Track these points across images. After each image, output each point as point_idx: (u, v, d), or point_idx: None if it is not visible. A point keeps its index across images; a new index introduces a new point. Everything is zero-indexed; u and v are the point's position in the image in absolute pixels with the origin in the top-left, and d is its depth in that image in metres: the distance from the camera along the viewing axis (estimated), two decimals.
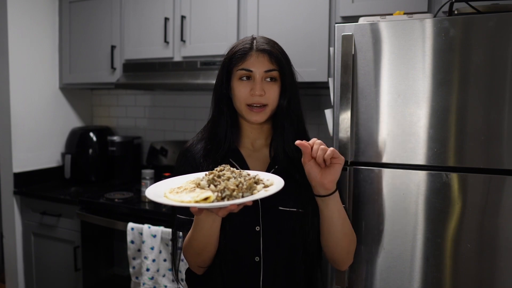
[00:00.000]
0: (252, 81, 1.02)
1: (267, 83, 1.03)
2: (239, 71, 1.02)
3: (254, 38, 1.06)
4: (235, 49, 1.05)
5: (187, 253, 1.05)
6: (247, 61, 1.01)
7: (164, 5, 2.34)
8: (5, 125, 2.52)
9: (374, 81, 1.42)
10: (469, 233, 1.34)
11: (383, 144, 1.43)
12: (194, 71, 2.24)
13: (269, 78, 1.03)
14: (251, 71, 1.01)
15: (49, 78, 2.73)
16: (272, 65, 1.02)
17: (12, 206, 2.55)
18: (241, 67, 1.02)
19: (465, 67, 1.32)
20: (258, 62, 1.01)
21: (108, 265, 2.32)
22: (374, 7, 1.82)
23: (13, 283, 2.59)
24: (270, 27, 2.06)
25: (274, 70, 1.02)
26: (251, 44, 1.03)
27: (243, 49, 1.02)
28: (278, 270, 1.05)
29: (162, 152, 2.65)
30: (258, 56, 1.01)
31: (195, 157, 1.10)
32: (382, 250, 1.45)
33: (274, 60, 1.02)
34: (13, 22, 2.46)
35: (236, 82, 1.04)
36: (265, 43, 1.03)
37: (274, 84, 1.03)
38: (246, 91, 1.02)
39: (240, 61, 1.02)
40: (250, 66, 1.01)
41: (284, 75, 1.04)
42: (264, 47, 1.02)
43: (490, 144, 1.31)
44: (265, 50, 1.01)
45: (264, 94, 1.01)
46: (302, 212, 1.04)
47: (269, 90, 1.02)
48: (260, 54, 1.01)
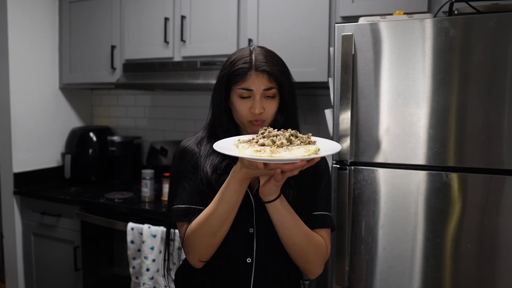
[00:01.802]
0: (252, 99, 1.05)
1: (266, 100, 1.05)
2: (239, 90, 1.05)
3: (252, 51, 1.07)
4: (234, 67, 1.06)
5: (197, 236, 1.02)
6: (247, 81, 1.04)
7: (164, 5, 2.34)
8: (5, 125, 2.52)
9: (374, 81, 1.42)
10: (469, 233, 1.34)
11: (383, 144, 1.43)
12: (194, 71, 2.24)
13: (267, 95, 1.05)
14: (251, 90, 1.04)
15: (49, 78, 2.73)
16: (270, 83, 1.04)
17: (12, 206, 2.55)
18: (241, 86, 1.04)
19: (465, 67, 1.32)
20: (258, 81, 1.03)
21: (108, 265, 2.32)
22: (374, 7, 1.82)
23: (13, 283, 2.59)
24: (270, 27, 2.06)
25: (273, 88, 1.05)
26: (250, 63, 1.04)
27: (243, 69, 1.04)
28: (269, 272, 1.08)
29: (162, 152, 2.65)
30: (257, 76, 1.03)
31: (194, 157, 1.11)
32: (382, 250, 1.45)
33: (273, 78, 1.04)
34: (13, 22, 2.46)
35: (236, 98, 1.06)
36: (264, 63, 1.05)
37: (272, 100, 1.06)
38: (246, 109, 1.05)
39: (240, 80, 1.04)
40: (250, 86, 1.04)
41: (282, 91, 1.07)
42: (263, 68, 1.04)
43: (490, 144, 1.31)
44: (264, 71, 1.04)
45: (264, 111, 1.05)
46: None
47: (268, 107, 1.05)
48: (260, 74, 1.04)
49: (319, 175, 1.12)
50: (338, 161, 1.48)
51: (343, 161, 1.47)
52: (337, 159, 1.48)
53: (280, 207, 0.98)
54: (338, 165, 1.48)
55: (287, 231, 1.01)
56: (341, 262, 1.47)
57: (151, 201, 2.25)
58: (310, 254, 1.05)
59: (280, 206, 0.98)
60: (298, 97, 1.14)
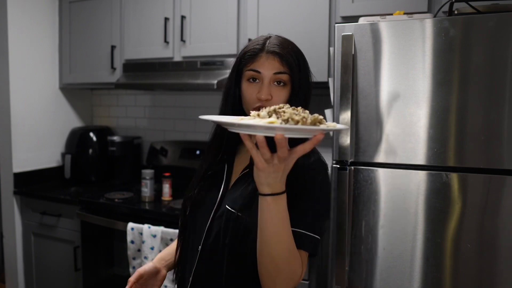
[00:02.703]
0: (260, 84, 0.97)
1: (275, 87, 0.96)
2: (247, 72, 0.98)
3: (268, 37, 1.01)
4: (246, 49, 1.00)
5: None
6: (256, 62, 0.97)
7: (164, 5, 2.34)
8: (5, 125, 2.52)
9: (374, 81, 1.42)
10: (469, 233, 1.34)
11: (383, 144, 1.43)
12: (194, 71, 2.24)
13: (277, 82, 0.97)
14: (260, 73, 0.96)
15: (49, 78, 2.73)
16: (282, 67, 0.96)
17: (12, 206, 2.55)
18: (250, 67, 0.97)
19: (465, 67, 1.32)
20: (268, 64, 0.96)
21: (108, 265, 2.32)
22: (374, 7, 1.82)
23: (13, 283, 2.59)
24: (270, 27, 2.06)
25: (284, 73, 0.96)
26: (262, 45, 0.98)
27: (254, 50, 0.98)
28: (211, 265, 1.00)
29: (162, 152, 2.65)
30: (268, 58, 0.96)
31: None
32: (382, 250, 1.45)
33: (285, 63, 0.96)
34: (13, 22, 2.46)
35: (245, 83, 0.99)
36: (277, 45, 0.97)
37: (283, 89, 0.97)
38: (253, 94, 0.97)
39: (250, 62, 0.97)
40: (259, 67, 0.96)
41: (294, 79, 0.97)
42: (274, 49, 0.96)
43: (490, 144, 1.31)
44: (275, 52, 0.96)
45: (271, 99, 0.95)
46: (239, 216, 0.95)
47: (277, 95, 0.96)
48: (270, 56, 0.96)
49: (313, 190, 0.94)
50: (338, 161, 1.48)
51: (343, 161, 1.47)
52: (337, 159, 1.48)
53: (270, 207, 0.80)
54: (338, 165, 1.48)
55: (267, 237, 0.82)
56: (341, 262, 1.47)
57: (151, 201, 2.25)
58: (284, 273, 0.85)
59: (272, 206, 0.80)
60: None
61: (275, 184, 0.78)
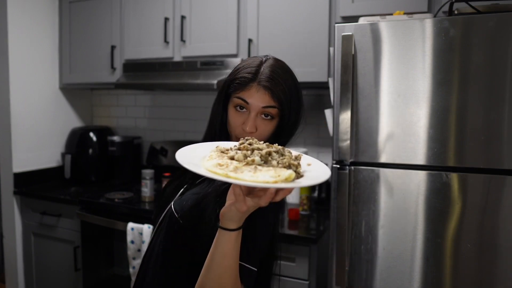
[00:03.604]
0: (247, 114, 0.93)
1: (262, 120, 0.93)
2: (236, 99, 0.94)
3: (263, 62, 0.95)
4: (238, 74, 0.95)
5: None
6: (245, 91, 0.92)
7: (164, 5, 2.34)
8: (5, 125, 2.52)
9: (374, 81, 1.42)
10: (469, 233, 1.34)
11: (383, 144, 1.43)
12: (194, 71, 2.24)
13: (265, 115, 0.93)
14: (248, 103, 0.92)
15: (49, 78, 2.73)
16: (272, 101, 0.91)
17: (12, 206, 2.55)
18: (239, 95, 0.93)
19: (465, 67, 1.32)
20: (257, 96, 0.91)
21: (108, 265, 2.32)
22: (374, 7, 1.82)
23: (13, 283, 2.59)
24: (270, 27, 2.06)
25: (273, 107, 0.92)
26: (255, 74, 0.92)
27: (245, 78, 0.93)
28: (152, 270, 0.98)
29: (162, 152, 2.65)
30: (258, 90, 0.91)
31: None
32: (382, 250, 1.45)
33: (275, 98, 0.91)
34: (13, 22, 2.46)
35: (231, 108, 0.96)
36: (270, 78, 0.91)
37: (270, 122, 0.93)
38: (239, 123, 0.93)
39: (239, 89, 0.93)
40: (248, 98, 0.92)
41: (284, 113, 0.93)
42: (266, 84, 0.91)
43: (490, 144, 1.31)
44: (266, 87, 0.91)
45: (255, 132, 0.92)
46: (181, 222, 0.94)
47: (262, 128, 0.93)
48: (261, 89, 0.91)
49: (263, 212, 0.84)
50: (338, 161, 1.48)
51: (343, 161, 1.47)
52: (337, 159, 1.48)
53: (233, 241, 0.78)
54: (338, 165, 1.48)
55: (222, 270, 0.80)
56: (341, 262, 1.47)
57: (151, 201, 2.25)
58: None
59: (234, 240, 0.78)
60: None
61: (241, 220, 0.78)
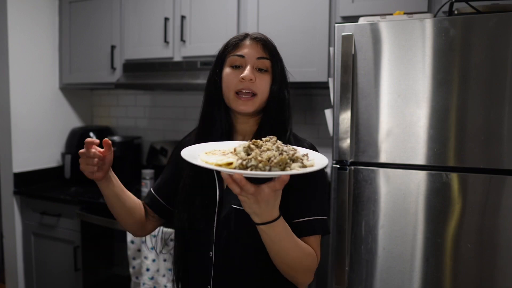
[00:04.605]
0: (243, 69, 1.01)
1: (258, 73, 1.01)
2: (231, 57, 1.02)
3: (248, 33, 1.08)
4: (230, 40, 1.07)
5: None
6: (239, 48, 1.02)
7: (164, 5, 2.34)
8: (5, 125, 2.52)
9: (374, 81, 1.42)
10: (469, 233, 1.34)
11: (383, 144, 1.43)
12: (194, 71, 2.24)
13: (259, 69, 1.01)
14: (243, 57, 1.01)
15: (49, 78, 2.73)
16: (264, 53, 1.01)
17: (12, 206, 2.55)
18: (234, 53, 1.02)
19: (465, 67, 1.32)
20: (251, 49, 1.01)
21: (108, 265, 2.32)
22: (374, 7, 1.82)
23: (13, 283, 2.59)
24: (270, 27, 2.06)
25: (266, 58, 1.01)
26: (246, 34, 1.05)
27: (238, 38, 1.05)
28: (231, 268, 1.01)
29: (162, 152, 2.65)
30: (251, 44, 1.02)
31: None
32: (382, 250, 1.45)
33: (267, 50, 1.02)
34: (13, 22, 2.46)
35: (227, 70, 1.03)
36: (260, 34, 1.05)
37: (264, 75, 1.01)
38: (236, 78, 1.00)
39: (234, 49, 1.03)
40: (242, 52, 1.01)
41: (275, 67, 1.02)
42: (258, 36, 1.03)
43: (490, 144, 1.31)
44: (258, 38, 1.02)
45: (255, 81, 0.99)
46: None
47: (259, 79, 1.00)
48: (254, 41, 1.02)
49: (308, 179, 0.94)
50: (338, 161, 1.48)
51: (343, 161, 1.47)
52: (337, 159, 1.48)
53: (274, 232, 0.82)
54: (338, 165, 1.48)
55: (282, 253, 0.87)
56: (341, 262, 1.47)
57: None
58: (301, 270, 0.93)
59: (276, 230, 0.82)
60: (297, 97, 1.10)
61: (263, 214, 0.78)
